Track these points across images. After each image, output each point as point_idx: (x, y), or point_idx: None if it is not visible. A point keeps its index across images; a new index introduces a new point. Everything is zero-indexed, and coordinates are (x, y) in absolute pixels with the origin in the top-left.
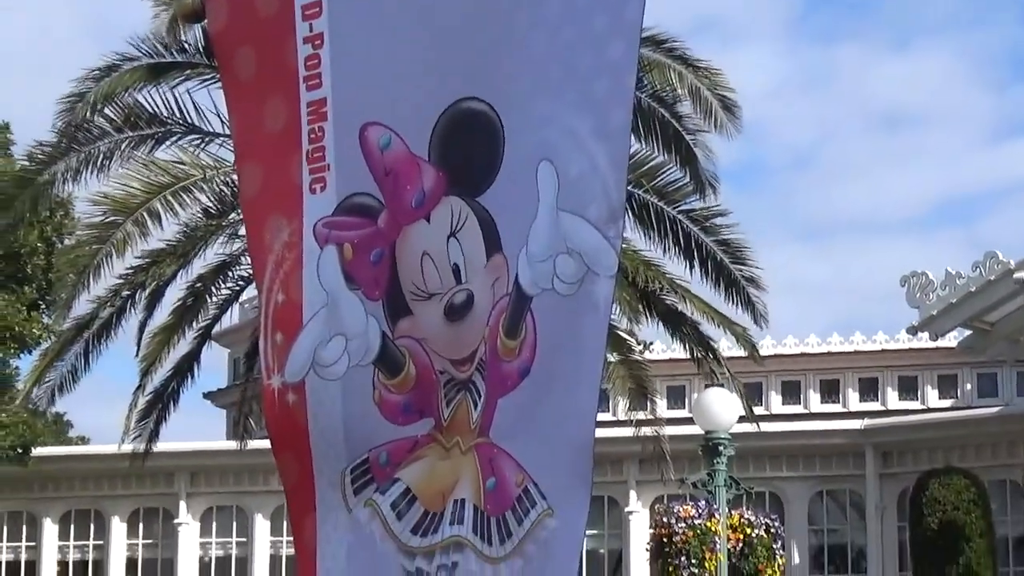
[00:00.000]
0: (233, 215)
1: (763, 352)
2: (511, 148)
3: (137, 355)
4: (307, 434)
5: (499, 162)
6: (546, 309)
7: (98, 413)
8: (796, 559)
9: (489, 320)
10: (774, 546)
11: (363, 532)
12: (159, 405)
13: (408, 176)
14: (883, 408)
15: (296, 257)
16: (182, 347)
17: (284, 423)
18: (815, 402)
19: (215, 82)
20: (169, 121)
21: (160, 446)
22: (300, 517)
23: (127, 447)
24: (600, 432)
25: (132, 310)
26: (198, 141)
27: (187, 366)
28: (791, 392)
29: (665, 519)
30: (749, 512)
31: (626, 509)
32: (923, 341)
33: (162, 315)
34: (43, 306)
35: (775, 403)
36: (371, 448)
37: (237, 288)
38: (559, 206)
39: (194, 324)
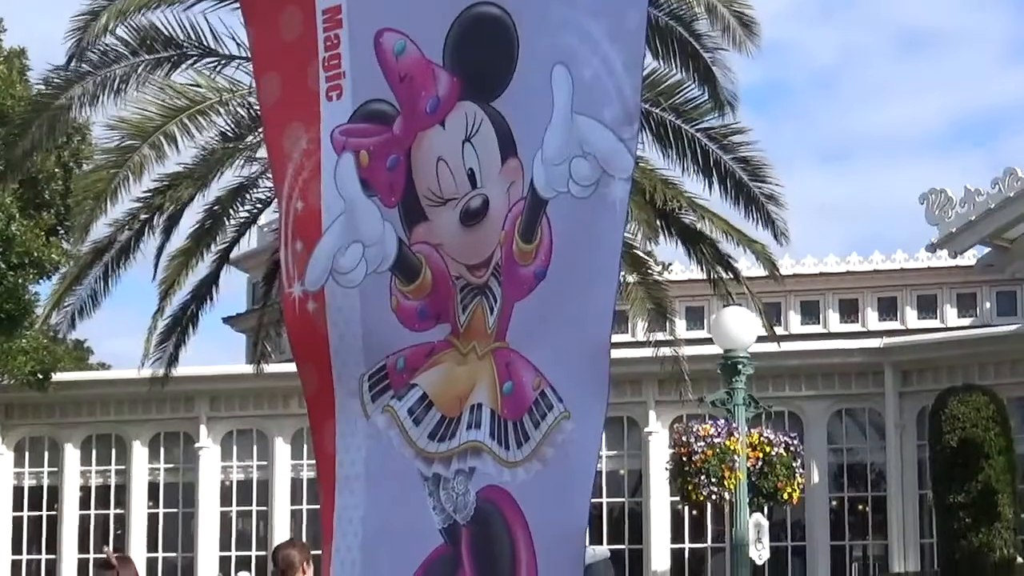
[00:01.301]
0: (250, 138)
1: (782, 272)
2: (525, 52)
3: (155, 279)
4: (327, 342)
5: (513, 66)
6: (561, 212)
7: (119, 341)
8: (816, 478)
9: (505, 224)
10: (793, 464)
11: (381, 439)
12: (178, 329)
13: (423, 82)
14: (902, 327)
15: (314, 165)
16: (200, 271)
17: (305, 332)
18: (834, 322)
19: (230, 4)
20: (185, 44)
21: (180, 371)
22: (320, 425)
23: (147, 372)
24: (619, 353)
25: (150, 234)
26: (214, 64)
27: (205, 290)
28: (810, 312)
29: (684, 438)
30: (768, 431)
31: (645, 430)
32: (942, 259)
33: (180, 239)
34: (62, 232)
35: (794, 323)
36: (388, 354)
37: (255, 211)
38: (574, 109)
39: (212, 247)
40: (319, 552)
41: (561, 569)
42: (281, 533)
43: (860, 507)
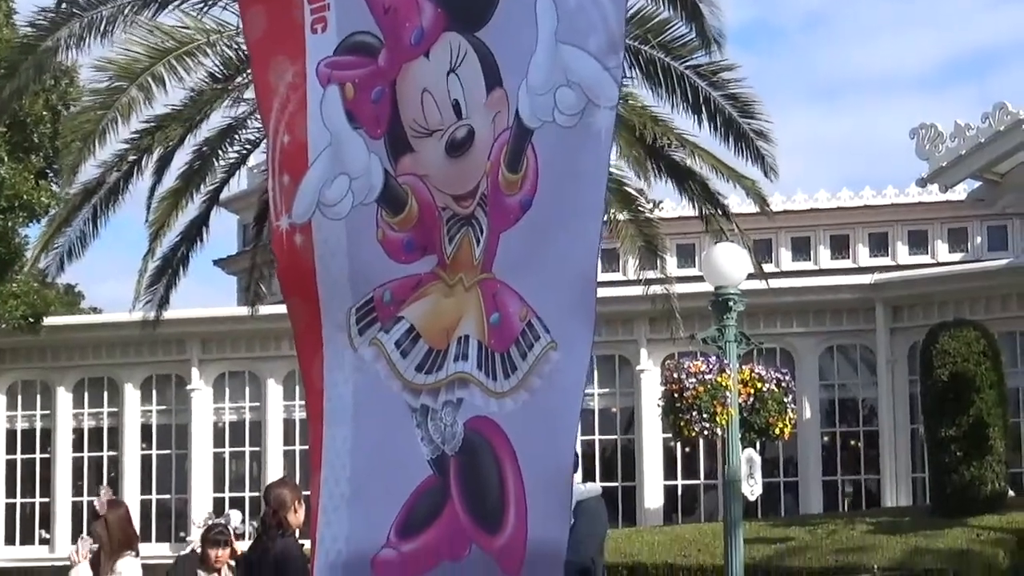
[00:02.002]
0: (239, 79)
1: (773, 208)
2: None
3: (147, 220)
4: (314, 275)
5: None
6: (547, 142)
7: (110, 286)
8: (807, 414)
9: (490, 155)
10: (785, 400)
11: (368, 371)
12: (168, 271)
13: (407, 13)
14: (893, 263)
15: (300, 98)
16: (190, 212)
17: (292, 265)
18: (825, 258)
19: None
20: None
21: (171, 313)
22: (309, 358)
23: (139, 315)
24: (610, 291)
25: (139, 175)
26: (201, 5)
27: (196, 231)
28: (801, 248)
29: (676, 375)
30: (760, 367)
31: (637, 367)
32: (933, 194)
33: (170, 180)
34: (51, 175)
35: (785, 260)
36: (375, 287)
37: (244, 152)
38: (558, 39)
39: (201, 188)
40: (310, 492)
41: (550, 498)
42: (274, 473)
43: (852, 442)
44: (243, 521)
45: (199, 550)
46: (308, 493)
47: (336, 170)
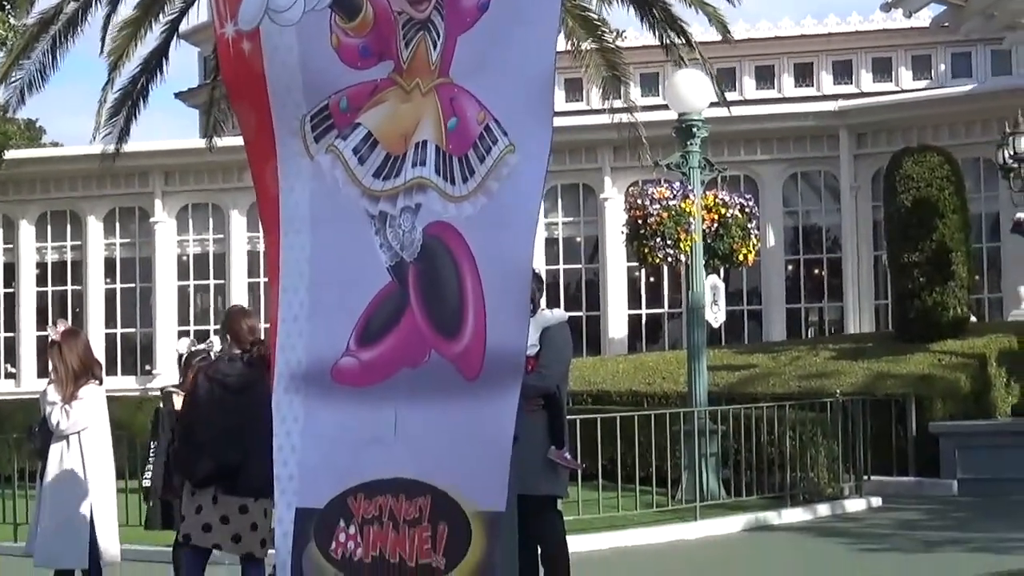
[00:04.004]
0: None
1: (736, 37)
2: None
3: (102, 51)
4: (263, 81)
5: None
6: None
7: (71, 121)
8: (771, 242)
9: None
10: (748, 226)
11: (326, 179)
12: (128, 102)
13: None
14: (857, 90)
15: None
16: (150, 42)
17: (240, 72)
18: (789, 86)
19: None
20: None
21: (134, 146)
22: (260, 166)
23: (100, 146)
24: (574, 120)
25: (98, 4)
26: None
27: (155, 62)
28: (765, 77)
29: (639, 201)
30: (724, 193)
31: (601, 196)
32: (897, 21)
33: (127, 11)
34: (7, 5)
35: (748, 88)
36: (331, 94)
37: None
38: None
39: (160, 18)
40: (268, 303)
41: (508, 301)
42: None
43: (816, 271)
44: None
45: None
46: (266, 325)
47: None
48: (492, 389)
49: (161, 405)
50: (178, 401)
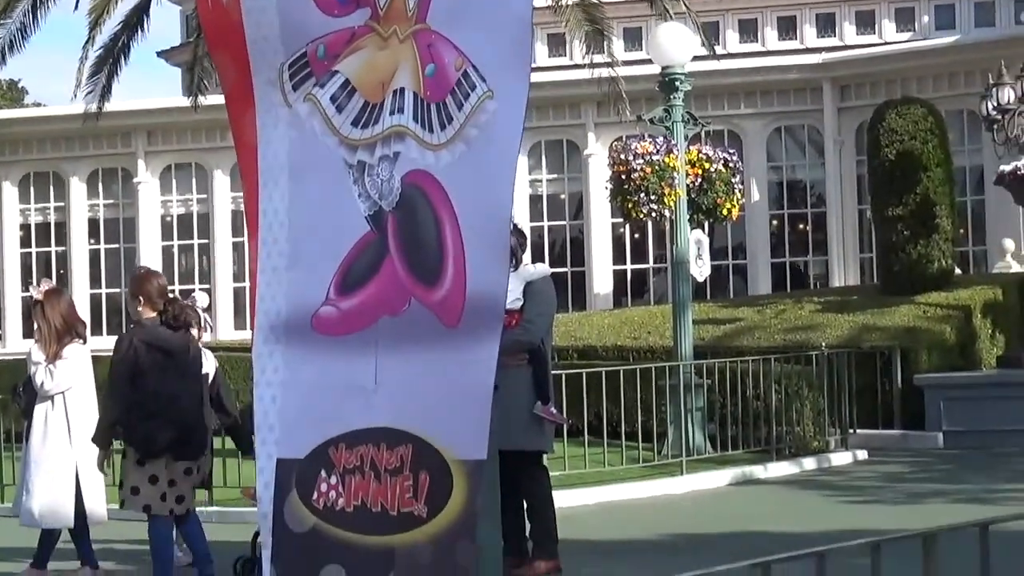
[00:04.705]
0: None
1: None
2: None
3: (76, 7)
4: (241, 30)
5: None
6: None
7: (54, 83)
8: (755, 196)
9: None
10: (732, 180)
11: (304, 127)
12: (110, 60)
13: None
14: (840, 43)
15: None
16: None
17: (218, 22)
18: (772, 39)
19: None
20: None
21: (116, 106)
22: (239, 116)
23: (82, 106)
24: (557, 76)
25: None
26: None
27: (136, 19)
28: (748, 30)
29: (623, 156)
30: (707, 147)
31: (585, 152)
32: None
33: None
34: None
35: (732, 42)
36: (308, 42)
37: None
38: None
39: None
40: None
41: (488, 249)
42: (223, 265)
43: (800, 225)
44: (209, 305)
45: None
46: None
47: None
48: (472, 336)
49: None
50: None
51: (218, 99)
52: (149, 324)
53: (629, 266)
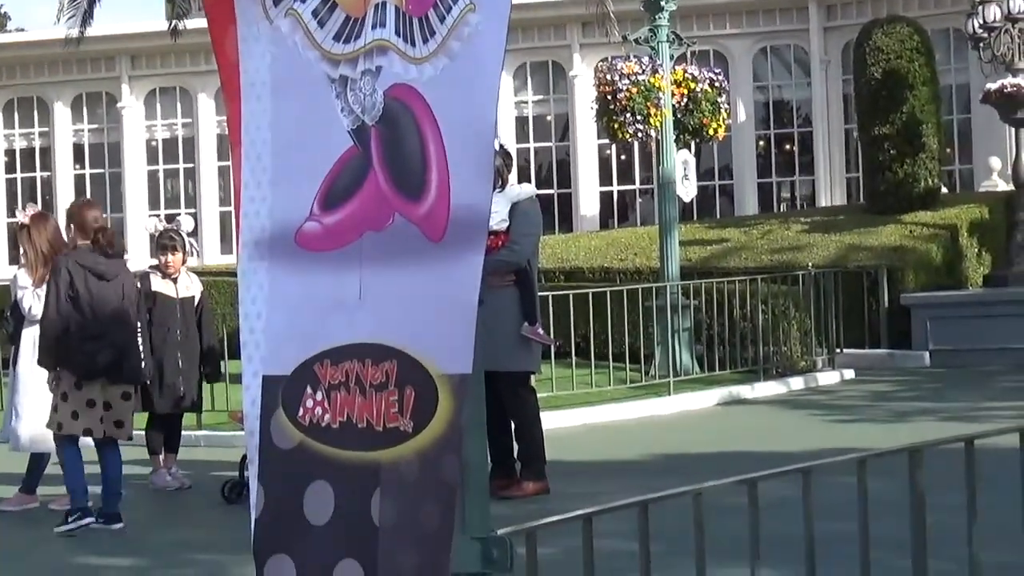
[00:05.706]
0: None
1: None
2: None
3: None
4: None
5: None
6: None
7: (36, 9)
8: (742, 117)
9: None
10: (719, 100)
11: (285, 43)
12: None
13: None
14: None
15: None
16: None
17: None
18: None
19: None
20: None
21: (99, 30)
22: (220, 33)
23: (65, 30)
24: None
25: None
26: None
27: None
28: None
29: (608, 76)
30: (693, 67)
31: (571, 73)
32: None
33: None
34: None
35: None
36: None
37: None
38: None
39: None
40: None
41: (472, 163)
42: (209, 190)
43: (787, 146)
44: (194, 229)
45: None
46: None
47: None
48: (457, 250)
49: (139, 284)
50: (156, 281)
51: (201, 23)
52: (84, 248)
53: (616, 187)
